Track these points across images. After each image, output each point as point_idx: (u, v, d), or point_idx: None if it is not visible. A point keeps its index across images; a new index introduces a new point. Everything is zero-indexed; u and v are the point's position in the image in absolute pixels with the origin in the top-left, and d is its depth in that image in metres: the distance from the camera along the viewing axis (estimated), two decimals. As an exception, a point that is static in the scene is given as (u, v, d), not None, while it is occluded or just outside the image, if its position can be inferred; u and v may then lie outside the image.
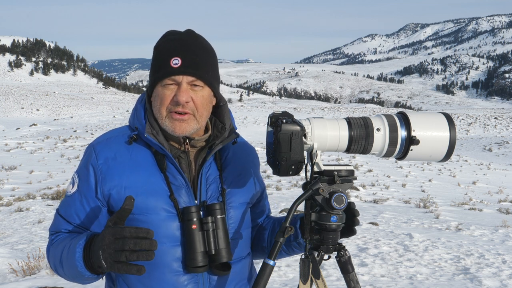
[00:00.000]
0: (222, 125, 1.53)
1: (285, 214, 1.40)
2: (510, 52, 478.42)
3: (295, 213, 1.40)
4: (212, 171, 1.50)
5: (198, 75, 1.41)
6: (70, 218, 1.46)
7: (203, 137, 1.50)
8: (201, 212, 1.42)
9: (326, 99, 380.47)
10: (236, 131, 1.56)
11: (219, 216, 1.41)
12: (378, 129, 1.36)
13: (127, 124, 1.56)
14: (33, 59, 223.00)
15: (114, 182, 1.42)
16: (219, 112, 1.54)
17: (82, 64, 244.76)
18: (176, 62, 1.39)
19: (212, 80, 1.45)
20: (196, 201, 1.45)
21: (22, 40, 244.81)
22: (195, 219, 1.39)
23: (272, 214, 1.79)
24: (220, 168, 1.52)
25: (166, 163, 1.44)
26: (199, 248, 1.38)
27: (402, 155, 1.38)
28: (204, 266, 1.40)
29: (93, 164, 1.44)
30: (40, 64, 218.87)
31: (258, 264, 1.46)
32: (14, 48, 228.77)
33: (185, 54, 1.40)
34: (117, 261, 1.20)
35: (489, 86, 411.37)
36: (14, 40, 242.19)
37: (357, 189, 16.44)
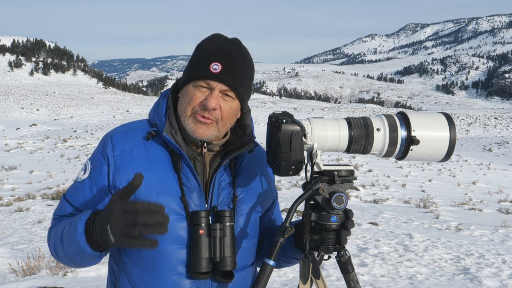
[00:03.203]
0: (242, 132, 1.51)
1: (285, 214, 1.40)
2: (510, 52, 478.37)
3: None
4: (225, 176, 1.48)
5: (233, 86, 1.39)
6: (77, 204, 1.45)
7: (221, 142, 1.48)
8: (210, 218, 1.41)
9: (326, 99, 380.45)
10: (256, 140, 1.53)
11: (228, 224, 1.39)
12: (378, 129, 1.36)
13: (147, 118, 1.54)
14: (33, 59, 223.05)
15: (127, 175, 1.40)
16: (241, 118, 1.51)
17: (82, 64, 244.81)
18: (215, 67, 1.37)
19: (244, 94, 1.43)
20: (206, 206, 1.43)
21: (22, 40, 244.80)
22: (203, 224, 1.37)
23: None
24: (234, 174, 1.50)
25: (181, 163, 1.43)
26: (204, 254, 1.37)
27: (402, 155, 1.39)
28: (207, 273, 1.39)
29: (109, 154, 1.43)
30: (40, 64, 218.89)
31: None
32: (14, 48, 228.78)
33: (226, 61, 1.38)
34: (128, 235, 1.16)
35: (489, 86, 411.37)
36: (14, 40, 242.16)
37: (357, 189, 16.43)
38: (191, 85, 1.40)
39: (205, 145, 1.44)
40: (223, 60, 1.38)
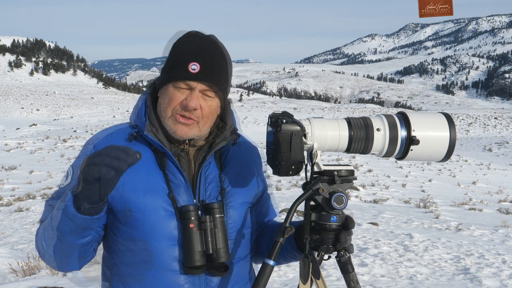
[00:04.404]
0: (223, 125, 1.51)
1: (285, 214, 1.40)
2: (510, 52, 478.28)
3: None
4: (211, 170, 1.49)
5: (212, 85, 1.40)
6: None
7: (203, 136, 1.48)
8: (199, 211, 1.41)
9: (326, 99, 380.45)
10: (238, 131, 1.54)
11: (217, 216, 1.40)
12: (378, 129, 1.36)
13: (128, 121, 1.54)
14: (33, 59, 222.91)
15: None
16: (222, 111, 1.52)
17: (82, 64, 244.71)
18: (194, 67, 1.37)
19: (224, 91, 1.44)
20: (195, 200, 1.44)
21: (22, 40, 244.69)
22: (193, 218, 1.38)
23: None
24: (220, 167, 1.50)
25: (166, 161, 1.43)
26: (197, 248, 1.37)
27: (402, 155, 1.39)
28: (201, 266, 1.39)
29: None
30: (40, 64, 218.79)
31: (258, 267, 1.45)
32: (14, 48, 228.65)
33: (204, 61, 1.39)
34: (92, 161, 1.18)
35: (489, 86, 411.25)
36: (14, 40, 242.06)
37: (357, 189, 16.43)
38: (170, 85, 1.40)
39: (187, 141, 1.45)
40: (202, 60, 1.38)
